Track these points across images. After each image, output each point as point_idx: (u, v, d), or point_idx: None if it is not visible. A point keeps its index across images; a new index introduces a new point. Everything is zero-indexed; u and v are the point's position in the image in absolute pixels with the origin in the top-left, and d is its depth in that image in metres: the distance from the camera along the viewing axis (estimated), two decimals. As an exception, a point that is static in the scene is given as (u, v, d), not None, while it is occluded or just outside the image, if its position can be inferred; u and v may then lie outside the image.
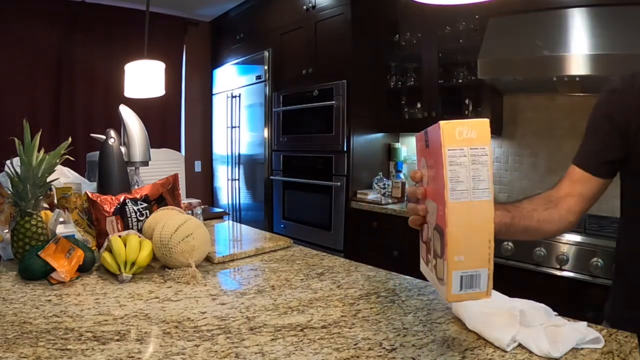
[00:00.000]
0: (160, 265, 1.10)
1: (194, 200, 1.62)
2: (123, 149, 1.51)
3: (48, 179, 1.10)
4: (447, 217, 0.52)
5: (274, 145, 3.29)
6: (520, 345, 0.66)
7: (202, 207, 1.64)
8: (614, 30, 1.69)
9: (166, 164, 2.07)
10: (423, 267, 0.67)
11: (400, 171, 2.76)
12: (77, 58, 3.45)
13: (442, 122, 0.53)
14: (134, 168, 1.59)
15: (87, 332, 0.71)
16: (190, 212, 1.49)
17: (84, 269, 1.03)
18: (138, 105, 1.79)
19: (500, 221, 0.69)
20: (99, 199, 1.19)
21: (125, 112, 1.57)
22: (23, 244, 1.04)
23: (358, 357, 0.64)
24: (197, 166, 4.27)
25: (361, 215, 2.59)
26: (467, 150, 0.52)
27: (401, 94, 2.77)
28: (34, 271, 0.96)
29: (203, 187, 4.25)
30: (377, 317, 0.79)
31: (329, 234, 2.80)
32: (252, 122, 3.53)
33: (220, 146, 4.06)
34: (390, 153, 2.94)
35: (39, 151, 1.09)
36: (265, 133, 3.35)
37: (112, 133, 1.45)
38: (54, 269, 0.95)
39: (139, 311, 0.81)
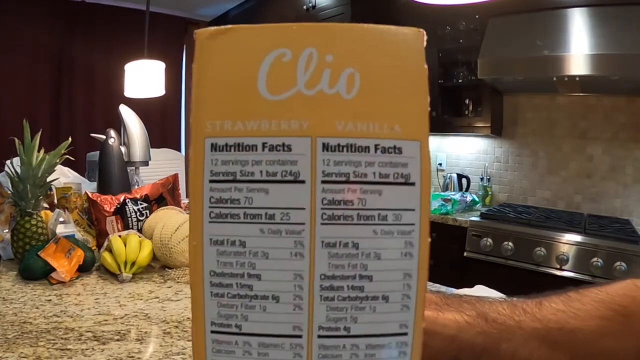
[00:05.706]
0: (160, 265, 1.10)
1: (194, 200, 1.62)
2: (123, 149, 1.51)
3: (48, 179, 1.10)
4: None
5: (274, 145, 3.29)
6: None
7: (202, 207, 1.63)
8: (614, 30, 1.69)
9: (166, 164, 2.07)
10: None
11: (400, 171, 2.76)
12: (77, 58, 3.44)
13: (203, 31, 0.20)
14: (134, 168, 1.59)
15: (87, 332, 0.71)
16: (190, 212, 1.49)
17: (84, 269, 1.03)
18: (138, 105, 1.79)
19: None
20: (99, 198, 1.19)
21: (125, 112, 1.57)
22: (23, 244, 1.04)
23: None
24: (197, 166, 4.26)
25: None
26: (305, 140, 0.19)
27: (401, 94, 2.77)
28: (34, 271, 0.96)
29: (203, 187, 4.24)
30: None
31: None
32: (252, 122, 3.53)
33: (220, 146, 4.05)
34: (390, 153, 2.94)
35: (39, 151, 1.08)
36: (265, 133, 3.34)
37: (112, 133, 1.45)
38: (54, 269, 0.95)
39: (139, 311, 0.81)
